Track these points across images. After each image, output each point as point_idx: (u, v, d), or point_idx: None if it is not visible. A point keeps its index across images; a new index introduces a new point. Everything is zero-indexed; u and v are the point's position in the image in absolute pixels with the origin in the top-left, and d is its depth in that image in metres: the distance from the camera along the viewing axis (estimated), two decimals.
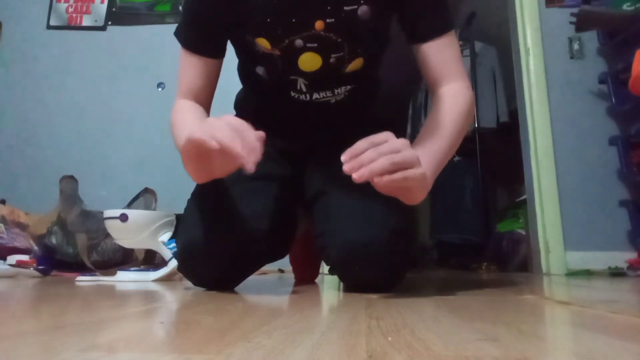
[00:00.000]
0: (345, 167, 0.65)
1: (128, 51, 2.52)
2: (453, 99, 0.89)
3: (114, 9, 2.59)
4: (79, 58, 2.53)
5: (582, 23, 2.13)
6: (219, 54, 0.96)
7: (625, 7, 2.14)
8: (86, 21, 2.58)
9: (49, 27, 2.58)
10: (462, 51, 3.34)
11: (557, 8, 2.30)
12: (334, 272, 0.93)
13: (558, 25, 2.27)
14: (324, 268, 1.39)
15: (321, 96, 0.98)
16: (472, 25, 3.26)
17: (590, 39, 2.26)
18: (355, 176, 0.64)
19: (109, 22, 2.57)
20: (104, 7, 2.60)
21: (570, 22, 2.18)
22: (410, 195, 0.74)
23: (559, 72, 2.23)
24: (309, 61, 0.92)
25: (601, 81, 2.18)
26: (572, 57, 2.26)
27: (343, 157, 0.66)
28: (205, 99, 0.98)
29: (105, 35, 2.55)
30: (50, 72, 2.52)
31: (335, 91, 0.98)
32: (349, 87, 0.99)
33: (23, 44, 2.56)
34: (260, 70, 0.97)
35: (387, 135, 0.68)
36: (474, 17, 3.25)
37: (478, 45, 3.28)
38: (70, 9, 2.60)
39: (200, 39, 0.94)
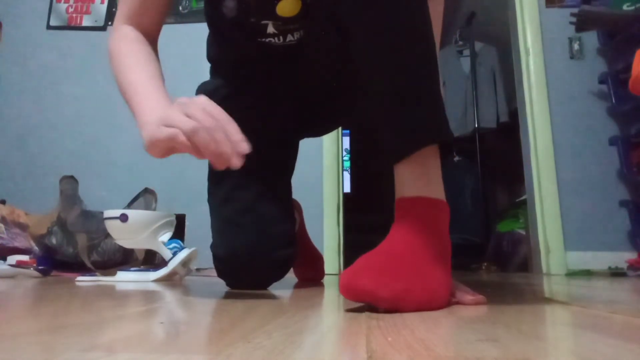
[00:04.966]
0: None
1: None
2: None
3: (114, 9, 2.59)
4: (79, 58, 2.53)
5: (582, 23, 2.13)
6: None
7: (625, 7, 2.14)
8: (86, 21, 2.58)
9: (49, 27, 2.59)
10: (462, 51, 3.35)
11: (557, 8, 2.31)
12: None
13: (558, 25, 2.27)
14: (328, 269, 1.39)
15: (295, 38, 0.92)
16: (472, 25, 3.26)
17: (590, 39, 2.26)
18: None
19: (109, 22, 2.57)
20: (104, 7, 2.60)
21: (570, 22, 2.18)
22: None
23: (559, 72, 2.23)
24: (288, 6, 0.87)
25: (601, 81, 2.18)
26: (572, 57, 2.26)
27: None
28: (151, 23, 0.87)
29: (105, 35, 2.55)
30: (50, 72, 2.52)
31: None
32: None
33: (23, 44, 2.56)
34: (227, 10, 0.88)
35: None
36: (474, 17, 3.25)
37: (478, 45, 3.28)
38: (70, 9, 2.60)
39: None
